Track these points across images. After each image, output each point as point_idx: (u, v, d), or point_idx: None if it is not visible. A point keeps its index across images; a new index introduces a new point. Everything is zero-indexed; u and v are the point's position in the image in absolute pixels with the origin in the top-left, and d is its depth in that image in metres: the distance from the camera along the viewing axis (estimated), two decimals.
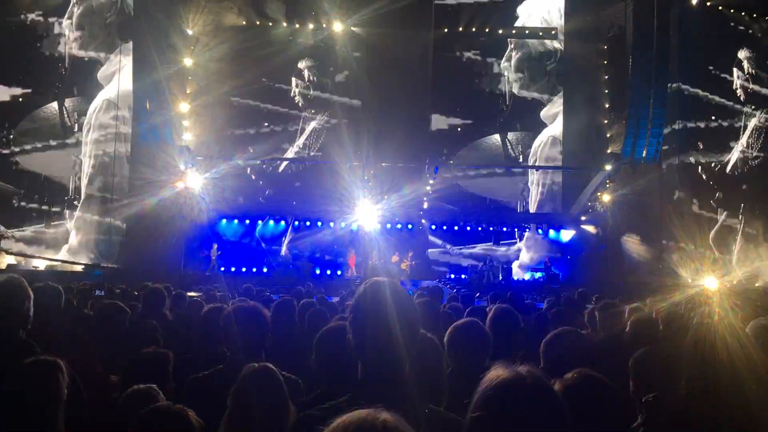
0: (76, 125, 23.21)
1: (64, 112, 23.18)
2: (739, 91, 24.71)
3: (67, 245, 22.76)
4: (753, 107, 24.69)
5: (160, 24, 20.46)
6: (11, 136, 22.95)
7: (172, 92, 21.70)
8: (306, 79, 24.74)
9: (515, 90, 24.88)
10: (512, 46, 25.00)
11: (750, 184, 24.40)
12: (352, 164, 23.21)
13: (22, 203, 22.86)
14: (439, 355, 2.41)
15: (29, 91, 23.04)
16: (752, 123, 24.68)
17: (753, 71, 24.63)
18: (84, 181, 23.12)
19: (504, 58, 24.93)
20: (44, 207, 22.90)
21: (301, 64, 24.66)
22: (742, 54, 24.59)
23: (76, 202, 23.05)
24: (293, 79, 24.67)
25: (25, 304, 3.10)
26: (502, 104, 24.92)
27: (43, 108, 23.12)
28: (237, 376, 2.71)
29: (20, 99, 23.09)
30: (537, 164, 25.16)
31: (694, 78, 24.47)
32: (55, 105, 23.19)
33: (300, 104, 24.67)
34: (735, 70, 24.66)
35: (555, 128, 25.03)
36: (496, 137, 25.04)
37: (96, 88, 23.27)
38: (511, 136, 25.11)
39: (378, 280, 2.12)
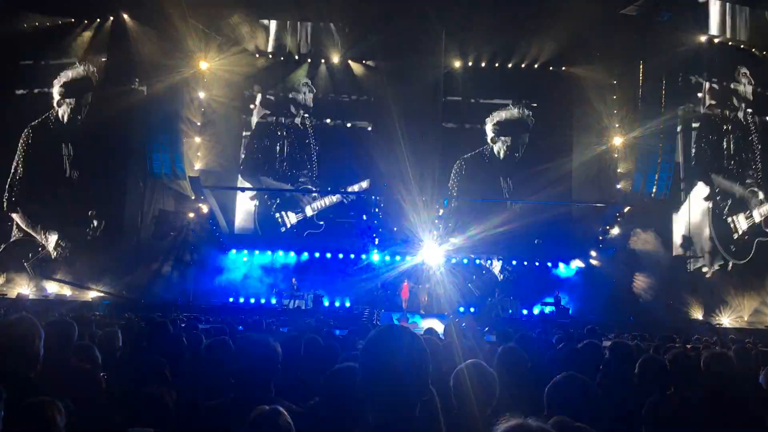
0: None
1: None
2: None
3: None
4: None
5: (174, 57, 20.79)
6: None
7: (184, 125, 22.00)
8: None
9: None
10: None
11: None
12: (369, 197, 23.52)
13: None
14: (435, 405, 2.40)
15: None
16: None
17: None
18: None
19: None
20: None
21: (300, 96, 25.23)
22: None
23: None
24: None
25: (35, 344, 3.09)
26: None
27: None
28: (243, 410, 2.64)
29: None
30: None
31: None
32: None
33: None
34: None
35: None
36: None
37: None
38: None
39: (389, 325, 2.13)
